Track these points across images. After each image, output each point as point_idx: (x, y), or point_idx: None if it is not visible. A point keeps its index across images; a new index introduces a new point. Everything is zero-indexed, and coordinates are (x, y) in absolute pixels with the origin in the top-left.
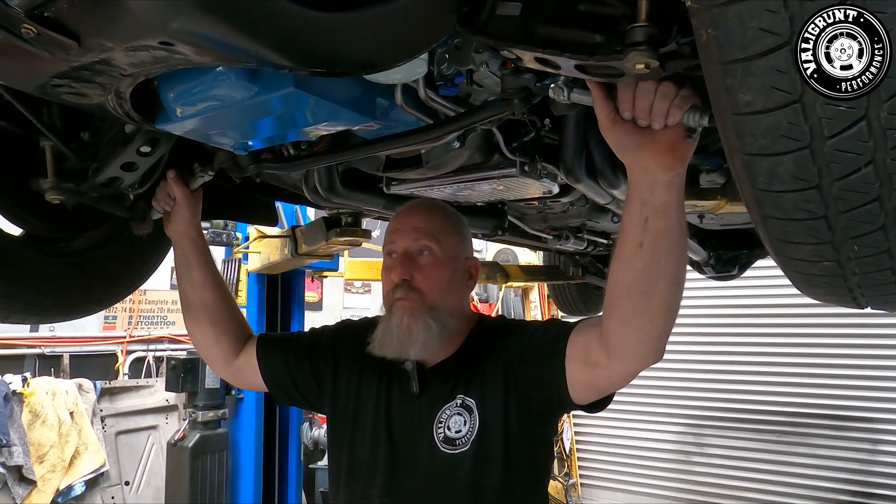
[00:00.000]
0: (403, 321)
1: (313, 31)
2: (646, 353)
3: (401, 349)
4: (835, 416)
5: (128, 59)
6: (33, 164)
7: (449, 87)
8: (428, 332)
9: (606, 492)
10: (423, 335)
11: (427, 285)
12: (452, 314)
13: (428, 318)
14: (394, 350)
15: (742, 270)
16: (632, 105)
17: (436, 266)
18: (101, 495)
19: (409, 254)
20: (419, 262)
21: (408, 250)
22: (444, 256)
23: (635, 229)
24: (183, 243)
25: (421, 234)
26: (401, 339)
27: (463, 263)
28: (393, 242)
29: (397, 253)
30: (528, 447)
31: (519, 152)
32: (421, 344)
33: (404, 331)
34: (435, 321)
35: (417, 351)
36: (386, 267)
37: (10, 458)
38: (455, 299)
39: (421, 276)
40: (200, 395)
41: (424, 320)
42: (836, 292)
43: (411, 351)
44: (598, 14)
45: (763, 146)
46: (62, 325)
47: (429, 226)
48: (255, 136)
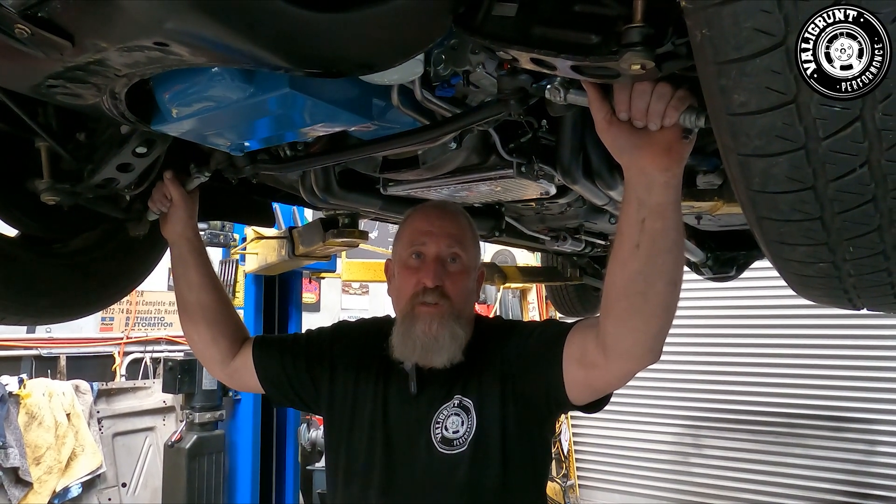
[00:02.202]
0: (432, 328)
1: (309, 32)
2: (643, 354)
3: (424, 356)
4: (831, 416)
5: (122, 59)
6: (29, 164)
7: (445, 87)
8: (455, 341)
9: (604, 493)
10: (451, 343)
11: (455, 293)
12: (469, 323)
13: (456, 326)
14: (418, 356)
15: (740, 271)
16: (628, 106)
17: (463, 274)
18: (97, 497)
19: (442, 259)
20: (449, 268)
21: (440, 256)
22: (469, 265)
23: (632, 230)
24: (180, 244)
25: (454, 241)
26: (426, 346)
27: (477, 272)
28: (423, 244)
29: (427, 255)
30: (526, 447)
31: (516, 153)
32: (448, 353)
33: (431, 338)
34: (461, 329)
35: (443, 359)
36: (410, 267)
37: (7, 459)
38: (471, 308)
39: (451, 283)
40: (197, 397)
41: (452, 328)
42: (832, 293)
43: (436, 359)
44: (593, 15)
45: (758, 147)
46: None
47: (460, 233)
48: (251, 137)
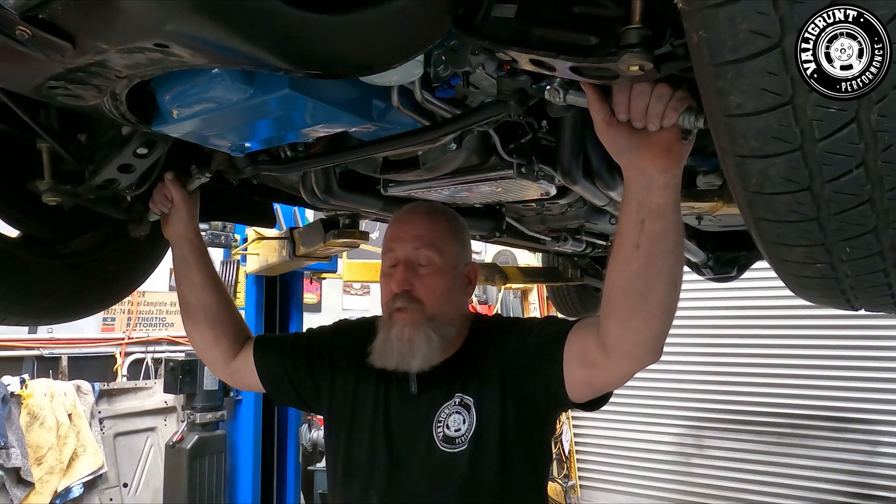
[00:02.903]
0: (405, 333)
1: (308, 33)
2: (643, 354)
3: (401, 361)
4: (834, 417)
5: (123, 60)
6: (30, 165)
7: (445, 88)
8: (429, 344)
9: (606, 493)
10: (425, 348)
11: (427, 296)
12: (452, 322)
13: (429, 330)
14: (395, 362)
15: (741, 272)
16: (627, 107)
17: (436, 276)
18: (99, 497)
19: (410, 263)
20: (419, 271)
21: (408, 259)
22: (444, 265)
23: (632, 231)
24: (181, 245)
25: (422, 242)
26: (402, 352)
27: (462, 270)
28: (393, 250)
29: (398, 261)
30: (526, 445)
31: (516, 154)
32: (422, 357)
33: (405, 343)
34: (435, 332)
35: (419, 363)
36: (385, 274)
37: (8, 459)
38: (454, 307)
39: (422, 286)
40: (198, 397)
41: (425, 332)
42: (830, 294)
43: (413, 363)
44: (592, 16)
45: (754, 148)
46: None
47: (430, 234)
48: (251, 138)
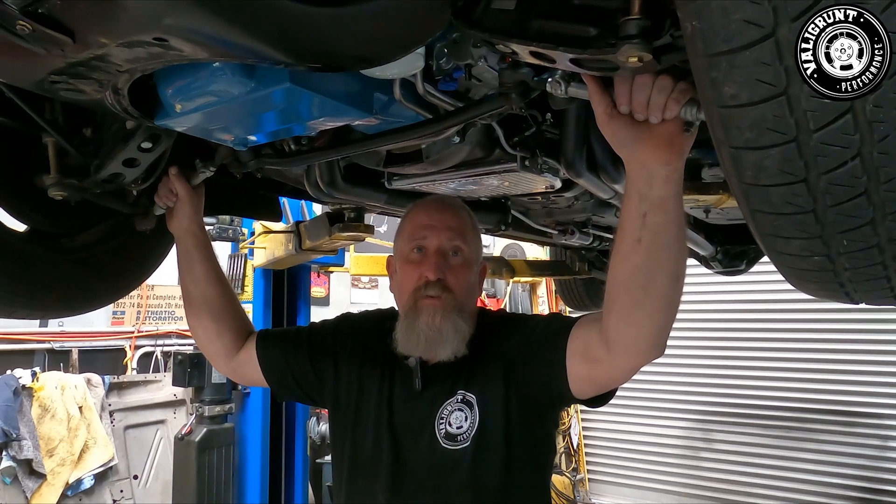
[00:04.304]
0: (435, 321)
1: (308, 27)
2: (646, 349)
3: (429, 350)
4: (844, 411)
5: (123, 54)
6: (36, 160)
7: (448, 81)
8: (458, 333)
9: (614, 487)
10: (454, 336)
11: (457, 286)
12: (472, 316)
13: (458, 319)
14: (421, 350)
15: (750, 265)
16: (629, 99)
17: (465, 267)
18: (109, 489)
19: (443, 252)
20: (451, 261)
21: (441, 249)
22: (471, 258)
23: (633, 224)
24: (185, 239)
25: (455, 233)
26: (430, 339)
27: (479, 266)
28: (424, 238)
29: (429, 249)
30: (529, 441)
31: (519, 147)
32: (452, 346)
33: (435, 331)
34: (464, 323)
35: (448, 352)
36: (412, 261)
37: (21, 451)
38: (474, 301)
39: (452, 276)
40: (207, 390)
41: (454, 321)
42: (828, 287)
43: (441, 352)
44: (592, 7)
45: (749, 139)
46: (71, 321)
47: (460, 226)
48: (253, 132)
